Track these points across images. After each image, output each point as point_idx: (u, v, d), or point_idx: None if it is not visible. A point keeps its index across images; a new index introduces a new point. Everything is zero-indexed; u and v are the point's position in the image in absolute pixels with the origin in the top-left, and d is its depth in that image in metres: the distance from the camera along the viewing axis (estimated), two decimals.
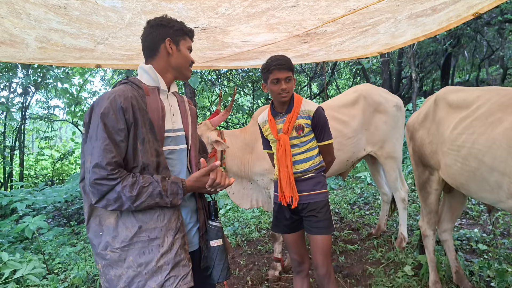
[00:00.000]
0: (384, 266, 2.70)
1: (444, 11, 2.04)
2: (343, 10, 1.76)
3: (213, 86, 7.56)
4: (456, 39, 8.11)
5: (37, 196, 4.91)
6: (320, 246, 1.75)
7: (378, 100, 2.90)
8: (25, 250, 3.91)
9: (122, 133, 1.15)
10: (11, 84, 6.92)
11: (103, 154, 1.12)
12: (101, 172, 1.12)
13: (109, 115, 1.14)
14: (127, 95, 1.18)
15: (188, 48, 1.36)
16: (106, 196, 1.14)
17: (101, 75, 8.59)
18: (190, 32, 1.36)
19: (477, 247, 2.81)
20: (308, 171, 1.79)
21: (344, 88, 10.03)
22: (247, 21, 1.72)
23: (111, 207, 1.16)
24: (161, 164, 1.23)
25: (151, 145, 1.20)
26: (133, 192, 1.14)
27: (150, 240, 1.19)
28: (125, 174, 1.16)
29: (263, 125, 1.90)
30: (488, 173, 1.67)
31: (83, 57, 2.38)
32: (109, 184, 1.13)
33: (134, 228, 1.19)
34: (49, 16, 1.58)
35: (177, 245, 1.21)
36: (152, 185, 1.17)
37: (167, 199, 1.19)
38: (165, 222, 1.21)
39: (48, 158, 9.03)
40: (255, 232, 3.74)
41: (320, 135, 1.81)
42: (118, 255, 1.18)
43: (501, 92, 1.78)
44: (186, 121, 1.37)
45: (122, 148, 1.16)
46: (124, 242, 1.18)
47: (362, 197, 4.59)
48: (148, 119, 1.21)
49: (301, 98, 1.82)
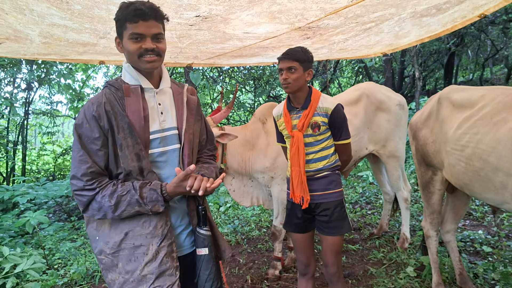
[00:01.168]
0: (386, 267, 2.68)
1: (449, 11, 2.01)
2: (346, 0, 1.73)
3: (215, 83, 7.54)
4: (460, 38, 8.05)
5: (39, 190, 4.93)
6: (330, 247, 1.73)
7: (381, 99, 2.88)
8: (25, 245, 3.93)
9: (98, 141, 1.13)
10: (15, 80, 6.93)
11: (78, 166, 1.12)
12: (78, 183, 1.13)
13: (83, 126, 1.13)
14: (101, 102, 1.14)
15: (130, 37, 1.14)
16: (90, 206, 1.14)
17: (103, 71, 8.59)
18: (131, 15, 1.12)
19: (481, 249, 2.79)
20: (322, 170, 1.72)
21: (347, 86, 9.98)
22: (248, 7, 1.69)
23: (97, 216, 1.15)
24: (145, 169, 1.17)
25: (130, 150, 1.14)
26: (111, 202, 1.12)
27: (135, 248, 1.16)
28: (105, 183, 1.14)
29: (277, 118, 1.84)
30: (492, 174, 1.65)
31: (86, 51, 2.37)
32: (88, 195, 1.13)
33: (121, 235, 1.17)
34: (52, 11, 1.57)
35: (162, 253, 1.16)
36: (130, 193, 1.13)
37: (147, 207, 1.14)
38: (150, 229, 1.17)
39: (50, 153, 9.06)
40: (255, 230, 3.74)
41: (337, 134, 1.73)
42: (111, 261, 1.18)
43: (505, 92, 1.76)
44: (181, 117, 1.27)
45: (101, 157, 1.14)
46: (114, 248, 1.18)
47: (364, 196, 4.57)
48: (126, 122, 1.14)
49: (320, 93, 1.74)
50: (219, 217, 4.35)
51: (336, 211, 1.72)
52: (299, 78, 1.67)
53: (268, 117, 2.64)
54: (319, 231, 1.78)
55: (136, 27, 1.13)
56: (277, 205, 2.62)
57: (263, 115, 2.65)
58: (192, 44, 2.38)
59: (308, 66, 1.71)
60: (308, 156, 1.72)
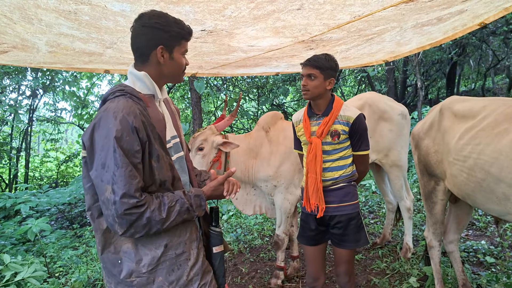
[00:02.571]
0: (389, 277, 2.65)
1: (449, 20, 2.04)
2: (348, 16, 1.76)
3: (219, 91, 7.60)
4: (462, 48, 8.10)
5: (41, 198, 4.94)
6: (345, 258, 1.72)
7: (383, 108, 2.89)
8: (27, 253, 3.92)
9: (138, 154, 1.07)
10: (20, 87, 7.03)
11: (130, 181, 1.03)
12: (130, 201, 1.03)
13: (123, 138, 1.04)
14: (136, 112, 1.08)
15: (184, 53, 1.24)
16: (134, 224, 1.06)
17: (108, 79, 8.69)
18: (188, 34, 1.23)
19: (484, 260, 2.76)
20: (338, 180, 1.70)
21: (349, 95, 10.02)
22: (253, 23, 1.73)
23: (139, 234, 1.08)
24: (175, 177, 1.20)
25: (165, 160, 1.15)
26: (162, 215, 1.09)
27: (177, 256, 1.17)
28: (149, 198, 1.09)
29: (296, 124, 1.83)
30: (495, 184, 1.65)
31: (92, 61, 2.41)
32: (138, 212, 1.05)
33: (160, 248, 1.13)
34: (60, 21, 1.60)
35: (201, 254, 1.22)
36: (179, 202, 1.13)
37: (194, 213, 1.18)
38: (188, 235, 1.20)
39: (53, 160, 9.10)
40: (258, 239, 3.71)
41: (357, 144, 1.70)
42: (146, 279, 1.13)
43: (507, 103, 1.77)
44: (177, 125, 1.32)
45: (141, 170, 1.09)
46: (152, 265, 1.13)
47: (366, 205, 4.55)
48: (157, 133, 1.14)
49: (342, 102, 1.72)
50: (222, 225, 4.33)
51: (352, 223, 1.69)
52: (318, 86, 1.66)
53: (272, 125, 2.66)
54: (333, 243, 1.75)
55: (186, 45, 1.24)
56: (280, 214, 2.62)
57: (266, 124, 2.67)
58: (197, 55, 2.42)
59: (330, 74, 1.68)
60: (325, 164, 1.69)
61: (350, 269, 1.73)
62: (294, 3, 1.55)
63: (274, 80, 7.59)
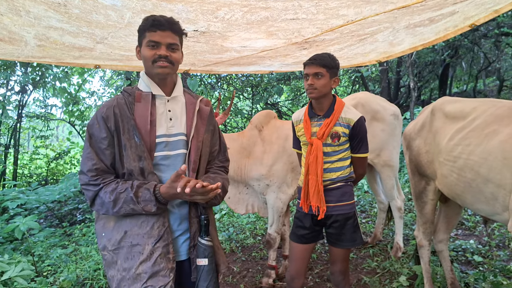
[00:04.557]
0: (379, 276, 2.67)
1: (441, 21, 2.06)
2: (342, 21, 1.77)
3: (213, 90, 7.56)
4: (454, 50, 8.21)
5: (30, 195, 4.85)
6: (340, 258, 1.72)
7: (376, 108, 2.91)
8: (14, 251, 3.84)
9: (105, 141, 1.22)
10: (9, 82, 6.88)
11: (85, 162, 1.22)
12: (83, 178, 1.22)
13: (93, 126, 1.23)
14: (111, 105, 1.24)
15: (147, 44, 1.23)
16: (95, 200, 1.22)
17: (100, 75, 8.57)
18: (150, 25, 1.22)
19: (472, 259, 2.80)
20: (335, 181, 1.70)
21: (343, 95, 10.07)
22: (246, 28, 1.72)
23: (101, 211, 1.23)
24: (146, 170, 1.23)
25: (133, 151, 1.21)
26: (111, 198, 1.19)
27: (132, 246, 1.21)
28: (109, 180, 1.22)
29: (296, 123, 1.81)
30: (483, 185, 1.67)
31: (82, 56, 2.36)
32: (93, 190, 1.20)
33: (121, 233, 1.22)
34: (49, 14, 1.57)
35: (156, 253, 1.19)
36: (127, 191, 1.19)
37: (139, 206, 1.18)
38: (148, 229, 1.21)
39: (43, 157, 8.95)
40: (250, 238, 3.71)
41: (356, 147, 1.70)
42: (111, 257, 1.23)
43: (496, 104, 1.79)
44: (190, 125, 1.32)
45: (107, 155, 1.22)
46: (114, 245, 1.22)
47: (358, 205, 4.58)
48: (132, 125, 1.22)
49: (343, 103, 1.71)
50: None
51: (349, 223, 1.69)
52: (325, 85, 1.63)
53: (265, 124, 2.65)
54: (329, 243, 1.75)
55: (153, 35, 1.23)
56: (272, 213, 2.61)
57: (259, 123, 2.66)
58: (190, 53, 2.40)
59: (334, 73, 1.67)
60: (324, 165, 1.68)
61: (345, 268, 1.74)
62: (288, 12, 1.54)
63: (268, 79, 7.58)
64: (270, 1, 1.45)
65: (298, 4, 1.49)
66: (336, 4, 1.54)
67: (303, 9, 1.53)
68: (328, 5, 1.54)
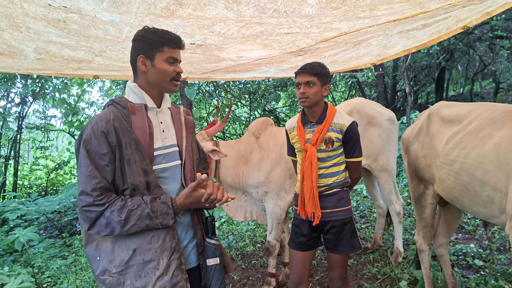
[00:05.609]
0: (380, 282, 2.66)
1: (434, 25, 2.10)
2: (335, 33, 1.81)
3: (211, 97, 7.61)
4: (449, 53, 8.29)
5: (30, 206, 4.84)
6: (338, 264, 1.72)
7: (372, 114, 2.93)
8: (14, 263, 3.82)
9: (106, 157, 1.15)
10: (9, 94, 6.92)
11: (87, 181, 1.13)
12: (87, 198, 1.13)
13: (91, 141, 1.15)
14: (109, 118, 1.18)
15: (167, 59, 1.24)
16: (97, 222, 1.14)
17: (99, 85, 8.63)
18: (170, 41, 1.24)
19: (473, 263, 2.79)
20: (331, 186, 1.72)
21: (340, 100, 10.14)
22: (241, 42, 1.76)
23: (103, 232, 1.15)
24: (152, 183, 1.20)
25: (138, 165, 1.18)
26: (121, 216, 1.13)
27: (145, 263, 1.17)
28: (113, 199, 1.15)
29: (290, 131, 1.84)
30: (479, 188, 1.69)
31: (81, 68, 2.40)
32: (97, 210, 1.13)
33: (129, 251, 1.17)
34: (49, 29, 1.60)
35: (173, 266, 1.18)
36: (141, 207, 1.15)
37: (157, 220, 1.16)
38: (160, 243, 1.18)
39: (42, 168, 8.94)
40: (250, 246, 3.70)
41: (350, 151, 1.73)
42: (117, 279, 1.17)
43: (491, 108, 1.81)
44: (181, 135, 1.32)
45: (108, 172, 1.16)
46: (121, 266, 1.17)
47: (358, 210, 4.57)
48: (134, 138, 1.19)
49: (335, 109, 1.75)
50: None
51: (346, 228, 1.70)
52: (317, 93, 1.67)
53: (262, 131, 2.67)
54: (327, 249, 1.76)
55: (173, 52, 1.25)
56: (271, 220, 2.62)
57: (256, 130, 2.68)
58: (187, 63, 2.44)
59: (325, 81, 1.71)
60: (319, 171, 1.71)
61: (344, 274, 1.74)
62: (282, 26, 1.58)
63: (265, 86, 7.63)
64: (265, 17, 1.48)
65: (292, 20, 1.52)
66: (329, 19, 1.58)
67: (297, 24, 1.57)
68: (321, 20, 1.58)
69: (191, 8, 1.40)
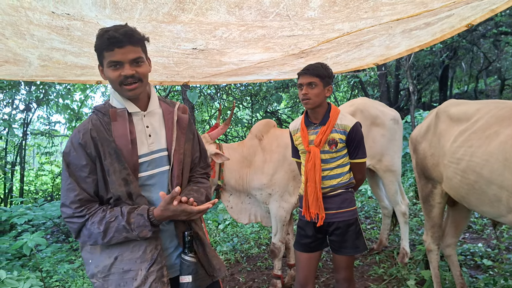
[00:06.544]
0: (386, 283, 2.64)
1: (437, 24, 2.09)
2: (338, 34, 1.81)
3: (212, 100, 7.63)
4: (453, 51, 8.23)
5: (36, 211, 4.88)
6: (343, 265, 1.71)
7: (375, 114, 2.92)
8: (22, 268, 3.85)
9: (86, 168, 1.14)
10: (14, 101, 7.00)
11: (66, 194, 1.13)
12: (67, 211, 1.14)
13: (70, 154, 1.15)
14: (87, 129, 1.15)
15: (108, 65, 1.12)
16: (81, 232, 1.15)
17: (102, 91, 8.69)
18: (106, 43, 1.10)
19: (481, 263, 2.75)
20: (335, 188, 1.71)
21: (343, 100, 10.10)
22: (243, 46, 1.77)
23: (89, 242, 1.16)
24: (133, 193, 1.16)
25: (117, 176, 1.14)
26: (100, 228, 1.12)
27: (124, 272, 1.15)
28: (94, 210, 1.14)
29: (294, 133, 1.83)
30: (486, 187, 1.67)
31: (84, 74, 2.42)
32: (78, 222, 1.13)
33: (111, 259, 1.16)
34: (52, 37, 1.62)
35: (151, 278, 1.14)
36: (117, 219, 1.12)
37: (134, 233, 1.13)
38: (140, 253, 1.15)
39: (48, 174, 9.01)
40: (255, 248, 3.69)
41: (354, 152, 1.72)
42: (101, 284, 1.18)
43: (499, 105, 1.80)
44: (171, 137, 1.24)
45: (90, 183, 1.14)
46: (104, 272, 1.17)
47: (363, 211, 4.55)
48: (113, 148, 1.14)
49: (339, 110, 1.75)
50: (218, 235, 4.30)
51: (351, 229, 1.70)
52: (319, 94, 1.67)
53: (265, 134, 2.67)
54: (333, 251, 1.75)
55: (112, 55, 1.11)
56: (275, 222, 2.61)
57: (259, 132, 2.68)
58: (189, 68, 2.45)
59: (328, 82, 1.70)
60: (323, 172, 1.70)
61: (350, 275, 1.73)
62: (284, 29, 1.58)
63: (267, 88, 7.63)
64: (267, 20, 1.49)
65: (294, 22, 1.52)
66: (331, 21, 1.58)
67: (299, 26, 1.57)
68: (324, 22, 1.57)
69: (193, 14, 1.41)
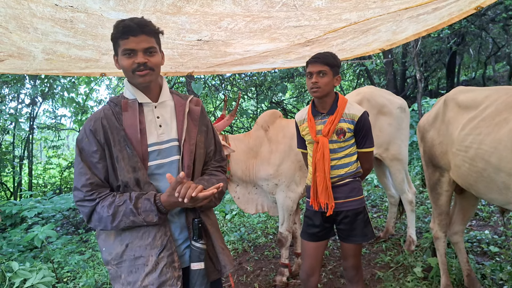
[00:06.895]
0: (393, 270, 2.66)
1: (445, 8, 2.03)
2: (345, 24, 1.77)
3: (217, 91, 7.60)
4: (461, 37, 8.05)
5: (46, 204, 4.97)
6: (351, 253, 1.73)
7: (382, 102, 2.88)
8: (34, 259, 3.95)
9: (96, 154, 1.19)
10: (19, 95, 7.05)
11: (78, 177, 1.19)
12: (78, 194, 1.18)
13: (83, 140, 1.21)
14: (98, 117, 1.22)
15: (123, 53, 1.18)
16: (92, 217, 1.19)
17: (106, 83, 8.70)
18: (121, 32, 1.16)
19: (488, 249, 2.76)
20: (343, 177, 1.72)
21: (349, 89, 9.99)
22: (249, 36, 1.74)
23: (99, 227, 1.20)
24: (141, 180, 1.19)
25: (126, 162, 1.18)
26: (109, 212, 1.15)
27: (135, 259, 1.19)
28: (104, 194, 1.18)
29: (300, 123, 1.82)
30: (495, 174, 1.65)
31: (88, 67, 2.42)
32: (89, 206, 1.17)
33: (123, 246, 1.20)
34: (56, 30, 1.61)
35: (162, 264, 1.17)
36: (125, 203, 1.16)
37: (140, 217, 1.16)
38: (150, 240, 1.18)
39: (56, 167, 9.13)
40: (262, 237, 3.73)
41: (361, 142, 1.72)
42: (115, 271, 1.22)
43: (509, 92, 1.76)
44: (181, 129, 1.27)
45: (100, 169, 1.19)
46: (117, 259, 1.21)
47: (369, 199, 4.55)
48: (123, 136, 1.19)
49: (346, 100, 1.73)
50: (225, 225, 4.35)
51: (359, 218, 1.71)
52: (328, 83, 1.65)
53: (270, 124, 2.66)
54: (341, 239, 1.76)
55: (126, 43, 1.17)
56: (282, 212, 2.63)
57: (265, 123, 2.67)
58: (193, 59, 2.43)
59: (336, 71, 1.69)
60: (332, 162, 1.70)
61: (358, 263, 1.75)
62: (290, 19, 1.55)
63: (272, 78, 7.57)
64: (273, 11, 1.46)
65: (300, 12, 1.49)
66: (339, 11, 1.55)
67: (305, 17, 1.54)
68: (331, 12, 1.54)
69: (198, 4, 1.39)
